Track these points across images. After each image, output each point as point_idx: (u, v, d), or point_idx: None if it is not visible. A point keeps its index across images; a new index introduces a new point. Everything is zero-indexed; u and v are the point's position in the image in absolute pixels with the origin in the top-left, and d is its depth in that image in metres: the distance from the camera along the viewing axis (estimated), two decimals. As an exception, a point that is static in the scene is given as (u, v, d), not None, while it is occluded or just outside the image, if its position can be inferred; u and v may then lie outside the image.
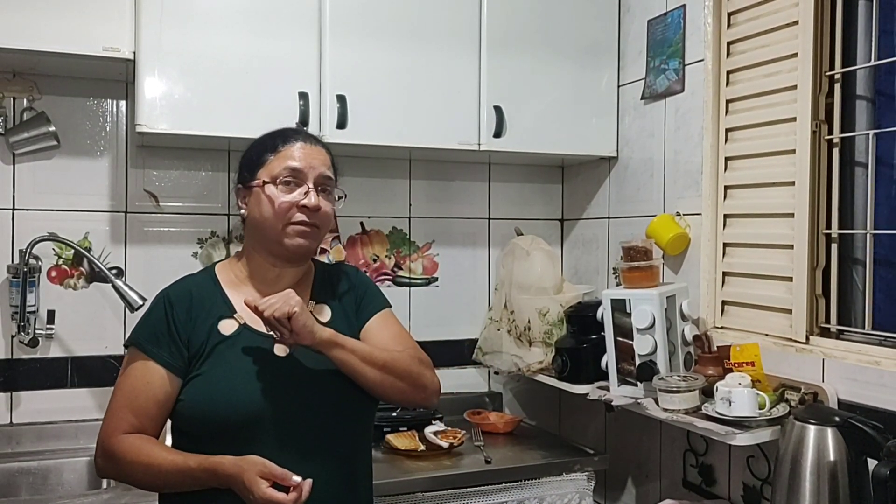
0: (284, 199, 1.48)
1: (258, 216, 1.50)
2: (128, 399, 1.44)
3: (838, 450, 1.56)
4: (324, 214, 1.51)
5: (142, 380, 1.44)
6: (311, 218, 1.48)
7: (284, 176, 1.48)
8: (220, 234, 2.42)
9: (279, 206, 1.47)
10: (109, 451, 1.42)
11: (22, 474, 2.07)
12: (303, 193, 1.48)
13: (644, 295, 1.97)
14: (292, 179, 1.49)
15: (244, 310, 1.49)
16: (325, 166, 1.53)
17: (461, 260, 2.73)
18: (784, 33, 1.92)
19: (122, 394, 1.45)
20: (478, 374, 2.75)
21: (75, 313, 2.27)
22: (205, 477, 1.35)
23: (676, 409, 1.83)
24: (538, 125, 2.41)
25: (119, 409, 1.44)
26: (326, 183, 1.52)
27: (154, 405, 1.43)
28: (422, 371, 1.54)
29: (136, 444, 1.41)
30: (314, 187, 1.49)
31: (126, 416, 1.43)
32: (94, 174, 2.30)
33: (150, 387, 1.43)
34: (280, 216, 1.47)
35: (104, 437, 1.43)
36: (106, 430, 1.43)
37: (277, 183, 1.48)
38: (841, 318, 1.85)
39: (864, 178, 1.82)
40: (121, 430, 1.42)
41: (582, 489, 2.16)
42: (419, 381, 1.53)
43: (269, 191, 1.49)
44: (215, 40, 2.06)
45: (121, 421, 1.42)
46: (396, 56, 2.25)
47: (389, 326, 1.61)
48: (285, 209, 1.47)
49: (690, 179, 2.20)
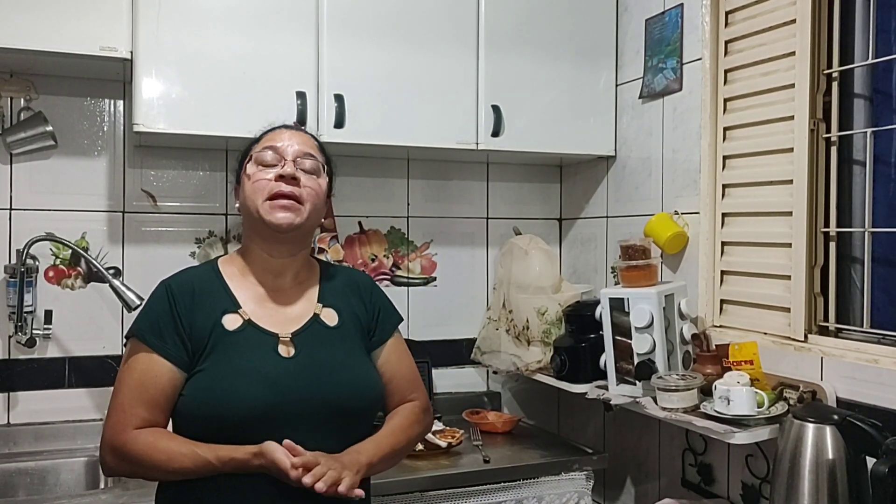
0: (261, 175, 1.48)
1: (243, 200, 1.51)
2: (136, 392, 1.40)
3: (837, 448, 1.55)
4: (308, 190, 1.49)
5: (149, 373, 1.41)
6: (290, 185, 1.46)
7: (263, 155, 1.49)
8: (217, 233, 2.42)
9: (258, 182, 1.47)
10: (121, 449, 1.38)
11: (19, 475, 2.07)
12: (280, 167, 1.48)
13: (642, 294, 1.97)
14: (271, 155, 1.49)
15: (248, 305, 1.49)
16: (307, 146, 1.53)
17: (459, 259, 2.73)
18: (782, 32, 1.92)
19: (128, 388, 1.41)
20: (476, 374, 2.75)
21: (73, 313, 2.26)
22: (226, 468, 1.35)
23: (675, 408, 1.82)
24: (536, 124, 2.41)
25: (127, 404, 1.40)
26: (308, 158, 1.51)
27: (164, 398, 1.41)
28: (426, 425, 1.65)
29: (150, 440, 1.38)
30: (293, 161, 1.49)
31: (136, 410, 1.39)
32: (91, 174, 2.30)
33: (159, 380, 1.41)
34: (260, 191, 1.47)
35: (113, 434, 1.39)
36: (114, 426, 1.40)
37: (257, 163, 1.49)
38: (839, 316, 1.85)
39: (862, 177, 1.82)
40: (132, 426, 1.38)
41: (581, 488, 2.15)
42: (423, 435, 1.69)
43: (248, 170, 1.50)
44: (213, 39, 2.06)
45: (131, 416, 1.39)
46: (394, 55, 2.24)
47: (402, 357, 1.65)
48: (262, 184, 1.47)
49: (688, 178, 2.20)
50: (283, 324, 1.49)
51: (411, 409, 1.61)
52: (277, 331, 1.48)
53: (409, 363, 1.66)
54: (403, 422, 1.57)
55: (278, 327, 1.48)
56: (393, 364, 1.61)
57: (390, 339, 1.63)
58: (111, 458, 1.41)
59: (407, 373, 1.64)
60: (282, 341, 1.47)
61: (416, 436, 1.60)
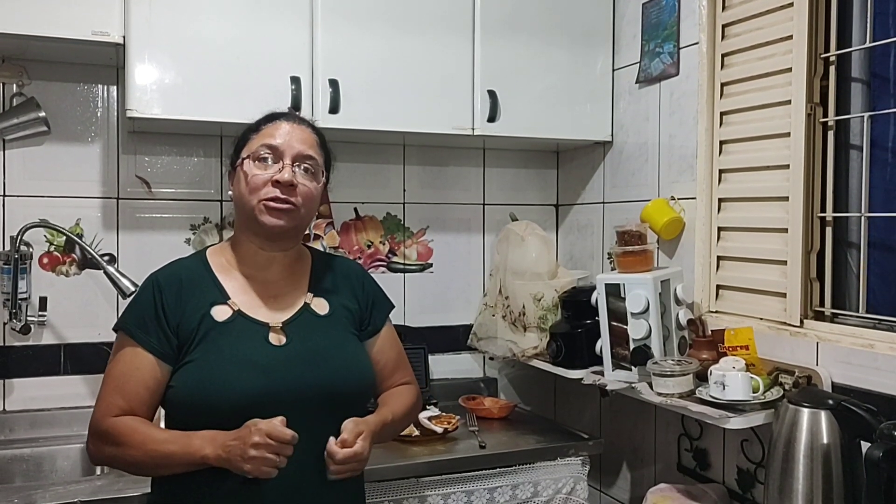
0: (258, 174, 1.47)
1: (237, 194, 1.50)
2: (117, 383, 1.43)
3: (832, 433, 1.56)
4: (304, 193, 1.48)
5: (130, 365, 1.43)
6: (286, 194, 1.46)
7: (261, 153, 1.48)
8: (213, 220, 2.41)
9: (253, 182, 1.46)
10: (101, 433, 1.41)
11: (15, 461, 2.07)
12: (278, 169, 1.47)
13: (638, 279, 1.97)
14: (269, 155, 1.48)
15: (238, 296, 1.49)
16: (306, 145, 1.51)
17: (456, 246, 2.72)
18: (779, 15, 1.91)
19: (111, 378, 1.44)
20: (473, 360, 2.75)
21: (67, 300, 2.26)
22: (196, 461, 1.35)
23: (670, 394, 1.83)
24: (532, 110, 2.40)
25: (109, 394, 1.43)
26: (306, 161, 1.50)
27: (144, 390, 1.42)
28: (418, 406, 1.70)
29: (129, 424, 1.39)
30: (291, 164, 1.47)
31: (116, 400, 1.41)
32: (85, 160, 2.28)
33: (140, 372, 1.42)
34: (254, 192, 1.46)
35: (95, 420, 1.42)
36: (96, 414, 1.43)
37: (254, 160, 1.48)
38: (835, 301, 1.85)
39: (859, 161, 1.82)
40: (111, 414, 1.41)
41: (576, 474, 2.16)
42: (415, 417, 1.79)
43: (246, 167, 1.48)
44: (206, 24, 2.04)
45: (111, 405, 1.41)
46: (389, 40, 2.23)
47: (394, 344, 1.68)
48: (259, 185, 1.46)
49: (685, 164, 2.19)
50: (274, 313, 1.50)
51: (405, 390, 1.66)
52: (268, 320, 1.48)
53: (399, 350, 1.69)
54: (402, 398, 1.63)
55: (269, 317, 1.49)
56: (386, 352, 1.64)
57: (382, 329, 1.65)
58: (93, 445, 1.43)
59: (398, 358, 1.68)
60: (272, 330, 1.47)
61: (412, 412, 1.67)
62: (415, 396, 1.66)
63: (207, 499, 1.40)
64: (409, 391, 1.66)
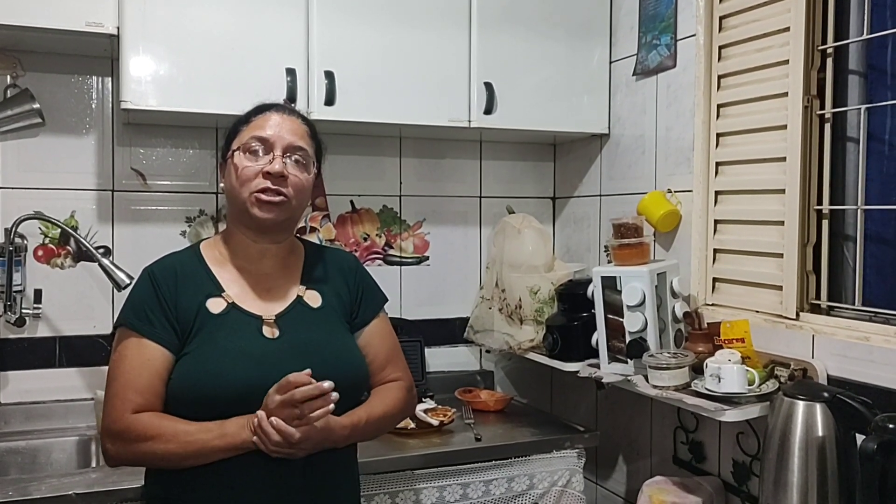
0: (249, 166, 1.46)
1: (228, 186, 1.50)
2: (128, 379, 1.40)
3: (827, 425, 1.56)
4: (295, 184, 1.48)
5: (140, 358, 1.41)
6: (277, 185, 1.45)
7: (252, 145, 1.47)
8: (208, 212, 2.40)
9: (244, 174, 1.46)
10: (120, 432, 1.38)
11: (10, 454, 2.07)
12: (268, 161, 1.46)
13: (634, 272, 1.97)
14: (259, 147, 1.47)
15: (232, 288, 1.49)
16: (297, 136, 1.50)
17: (452, 238, 2.72)
18: (776, 7, 1.90)
19: (122, 375, 1.41)
20: (469, 353, 2.75)
21: (62, 292, 2.25)
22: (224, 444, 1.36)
23: (666, 386, 1.83)
24: (529, 102, 2.39)
25: (121, 391, 1.40)
26: (297, 152, 1.49)
27: (159, 381, 1.41)
28: (408, 404, 1.63)
29: (152, 419, 1.38)
30: (282, 155, 1.47)
31: (131, 396, 1.39)
32: (80, 152, 2.27)
33: (152, 363, 1.41)
34: (245, 184, 1.46)
35: (111, 422, 1.39)
36: (111, 415, 1.39)
37: (245, 152, 1.47)
38: (831, 294, 1.85)
39: (856, 154, 1.81)
40: (128, 411, 1.38)
41: (572, 466, 2.16)
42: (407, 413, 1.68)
43: (236, 159, 1.48)
44: (201, 15, 2.03)
45: (126, 402, 1.39)
46: (385, 32, 2.22)
47: (385, 337, 1.64)
48: (250, 177, 1.46)
49: (682, 156, 2.18)
50: (267, 306, 1.50)
51: (394, 387, 1.61)
52: (261, 313, 1.48)
53: (392, 343, 1.66)
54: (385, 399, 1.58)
55: (262, 309, 1.49)
56: (375, 345, 1.61)
57: (374, 319, 1.63)
58: (112, 446, 1.40)
59: (390, 353, 1.64)
60: (266, 323, 1.47)
61: (397, 412, 1.60)
62: (401, 395, 1.60)
63: (203, 488, 1.40)
64: (396, 390, 1.60)
